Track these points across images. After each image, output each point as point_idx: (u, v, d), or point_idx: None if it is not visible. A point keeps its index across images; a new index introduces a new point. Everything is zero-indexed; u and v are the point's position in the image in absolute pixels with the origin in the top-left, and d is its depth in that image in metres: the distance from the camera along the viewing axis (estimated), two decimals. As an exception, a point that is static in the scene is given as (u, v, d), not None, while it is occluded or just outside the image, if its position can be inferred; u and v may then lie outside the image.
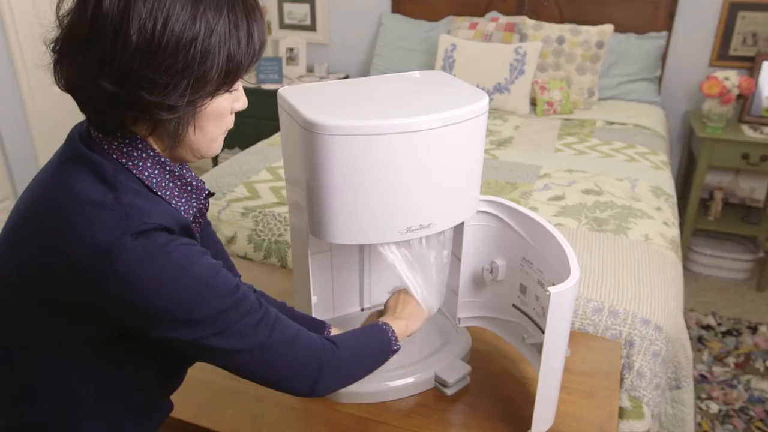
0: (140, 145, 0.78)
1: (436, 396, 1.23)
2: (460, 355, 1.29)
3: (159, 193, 0.80)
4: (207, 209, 0.88)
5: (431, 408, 1.20)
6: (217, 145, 0.84)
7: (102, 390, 0.82)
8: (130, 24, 0.68)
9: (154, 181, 0.79)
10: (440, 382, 1.23)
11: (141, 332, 0.76)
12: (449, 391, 1.22)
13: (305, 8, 3.74)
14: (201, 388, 1.22)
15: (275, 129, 3.22)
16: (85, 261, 0.71)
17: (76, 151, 0.77)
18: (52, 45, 0.74)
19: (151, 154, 0.79)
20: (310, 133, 0.96)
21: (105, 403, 0.83)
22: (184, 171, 0.84)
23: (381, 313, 1.17)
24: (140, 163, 0.78)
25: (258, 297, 0.84)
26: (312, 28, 3.78)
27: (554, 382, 1.08)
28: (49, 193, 0.76)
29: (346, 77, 3.77)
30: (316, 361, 0.87)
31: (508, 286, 1.24)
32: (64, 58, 0.73)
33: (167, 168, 0.80)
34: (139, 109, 0.73)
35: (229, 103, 0.81)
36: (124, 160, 0.77)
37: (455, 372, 1.22)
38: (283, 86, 1.50)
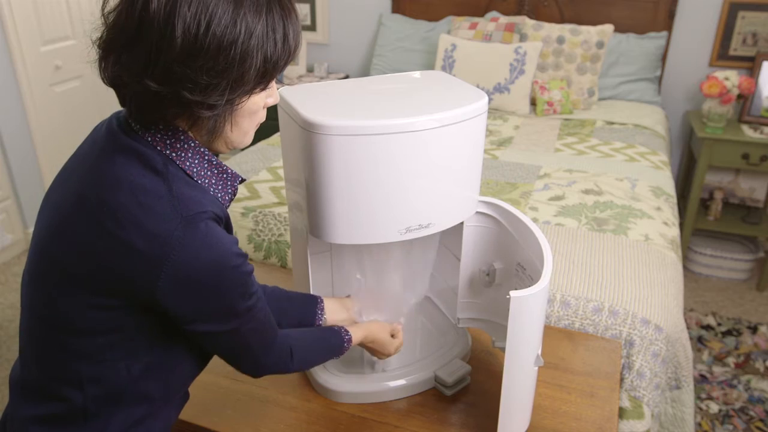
0: (182, 137, 0.81)
1: (436, 396, 1.23)
2: (460, 355, 1.29)
3: (199, 182, 0.83)
4: (235, 195, 0.91)
5: (431, 408, 1.20)
6: (249, 138, 0.87)
7: (146, 372, 0.85)
8: (175, 26, 0.71)
9: (195, 170, 0.83)
10: (440, 382, 1.23)
11: (178, 322, 0.80)
12: (449, 392, 1.22)
13: (305, 8, 3.74)
14: (201, 388, 1.22)
15: (275, 129, 3.22)
16: (143, 250, 0.74)
17: (123, 143, 0.79)
18: (98, 42, 0.77)
19: (192, 145, 0.82)
20: (309, 133, 0.96)
21: (147, 385, 0.86)
22: (219, 160, 0.87)
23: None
24: (182, 154, 0.81)
25: (263, 301, 0.89)
26: (312, 28, 3.78)
27: (520, 388, 1.07)
28: (99, 185, 0.78)
29: (346, 77, 3.77)
30: (274, 365, 0.96)
31: (505, 290, 1.23)
32: (109, 56, 0.76)
33: (206, 158, 0.84)
34: (180, 107, 0.76)
35: (263, 100, 0.85)
36: (168, 151, 0.80)
37: (455, 372, 1.22)
38: (283, 86, 1.50)
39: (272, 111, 3.39)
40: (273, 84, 0.86)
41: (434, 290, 1.44)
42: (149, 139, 0.80)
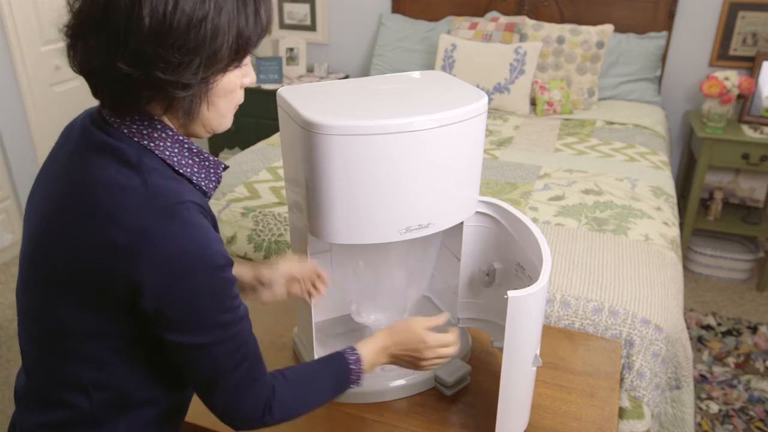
0: (159, 126, 0.80)
1: (436, 396, 1.23)
2: (460, 355, 1.29)
3: (181, 171, 0.82)
4: (219, 182, 0.90)
5: (431, 408, 1.20)
6: (227, 120, 0.86)
7: (150, 373, 0.84)
8: (142, 6, 0.70)
9: (176, 159, 0.81)
10: (440, 382, 1.23)
11: (155, 327, 0.77)
12: (449, 391, 1.22)
13: (305, 8, 3.74)
14: (201, 388, 1.22)
15: (275, 129, 3.22)
16: (124, 247, 0.72)
17: (96, 139, 0.78)
18: (64, 29, 0.75)
19: (170, 133, 0.81)
20: (309, 133, 0.96)
21: (153, 386, 0.85)
22: (200, 148, 0.86)
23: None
24: (161, 144, 0.80)
25: (244, 325, 0.83)
26: (312, 28, 3.78)
27: (518, 388, 1.07)
28: (76, 184, 0.77)
29: (346, 77, 3.77)
30: (248, 411, 0.85)
31: (504, 290, 1.23)
32: (77, 42, 0.75)
33: (186, 146, 0.82)
34: (154, 89, 0.74)
35: (239, 79, 0.83)
36: (145, 142, 0.79)
37: (455, 372, 1.22)
38: (282, 86, 1.50)
39: (272, 111, 3.40)
40: (248, 63, 0.84)
41: (434, 290, 1.44)
42: (125, 130, 0.78)
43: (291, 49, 3.68)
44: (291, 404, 0.90)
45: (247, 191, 2.06)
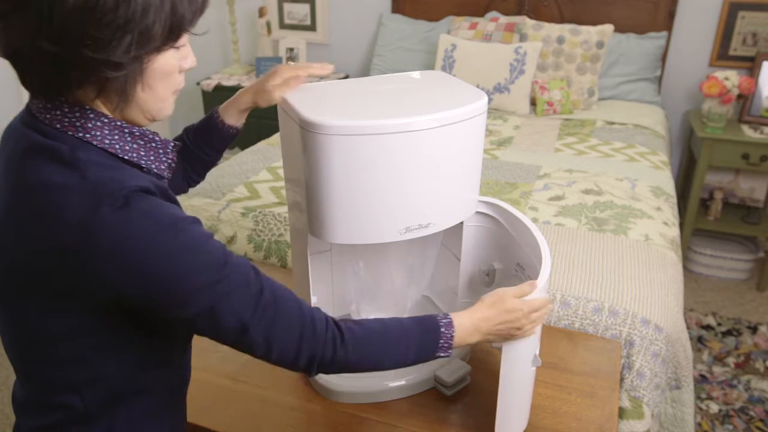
0: (92, 114, 0.76)
1: (436, 396, 1.23)
2: (460, 355, 1.29)
3: (126, 157, 0.78)
4: (174, 162, 0.86)
5: (431, 408, 1.20)
6: (167, 106, 0.82)
7: (140, 366, 0.83)
8: None
9: (118, 146, 0.78)
10: (440, 382, 1.23)
11: (150, 313, 0.76)
12: (449, 391, 1.22)
13: (305, 8, 3.74)
14: (201, 388, 1.22)
15: (275, 129, 3.21)
16: (71, 245, 0.70)
17: (29, 141, 0.76)
18: None
19: (105, 120, 0.77)
20: (309, 133, 0.96)
21: (145, 377, 0.85)
22: (144, 129, 0.82)
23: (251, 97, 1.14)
24: (98, 133, 0.76)
25: (255, 270, 0.82)
26: (312, 28, 3.78)
27: (517, 388, 1.07)
28: (16, 190, 0.75)
29: (346, 77, 3.77)
30: (307, 346, 0.83)
31: (504, 290, 1.24)
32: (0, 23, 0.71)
33: (126, 130, 0.79)
34: (83, 69, 0.71)
35: (177, 61, 0.80)
36: (81, 134, 0.76)
37: (455, 372, 1.22)
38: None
39: (272, 111, 3.38)
40: (187, 45, 0.81)
41: (434, 290, 1.44)
42: (57, 125, 0.75)
43: (291, 49, 3.68)
44: (366, 346, 0.86)
45: (247, 191, 2.06)
